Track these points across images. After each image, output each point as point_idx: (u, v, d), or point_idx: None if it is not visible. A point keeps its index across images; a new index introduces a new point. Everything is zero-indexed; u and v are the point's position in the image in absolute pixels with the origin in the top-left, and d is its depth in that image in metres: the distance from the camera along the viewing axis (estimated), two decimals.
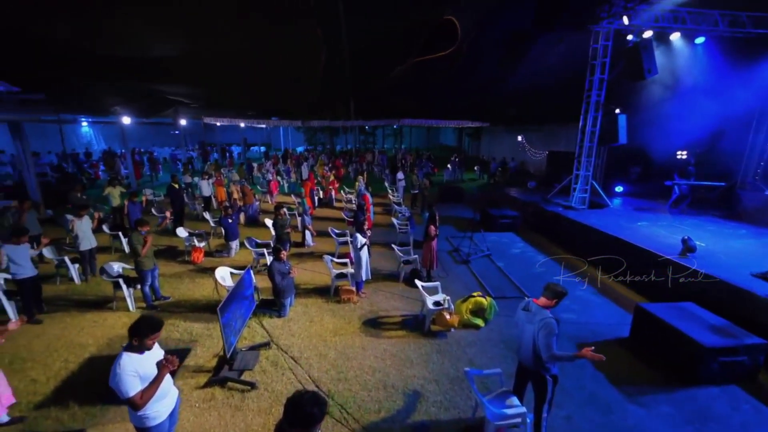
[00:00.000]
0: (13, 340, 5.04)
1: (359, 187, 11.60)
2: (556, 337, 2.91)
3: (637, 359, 4.71)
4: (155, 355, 2.74)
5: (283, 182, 17.49)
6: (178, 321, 5.51)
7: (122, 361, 2.52)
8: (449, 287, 6.48)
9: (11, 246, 5.35)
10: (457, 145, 36.12)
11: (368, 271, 6.18)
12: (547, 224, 10.19)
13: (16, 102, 9.90)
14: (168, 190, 10.29)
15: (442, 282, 6.31)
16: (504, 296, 6.26)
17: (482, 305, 5.27)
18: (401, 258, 7.00)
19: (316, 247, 8.99)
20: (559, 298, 3.06)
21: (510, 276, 7.16)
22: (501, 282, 6.97)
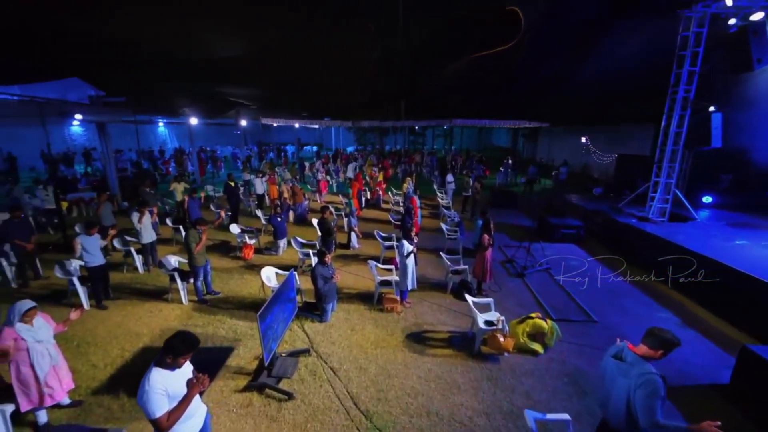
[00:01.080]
0: (82, 324, 5.46)
1: (407, 189, 11.28)
2: (662, 400, 2.26)
3: (741, 415, 3.83)
4: (185, 373, 2.62)
5: (332, 182, 17.74)
6: (225, 318, 5.62)
7: (151, 377, 2.41)
8: (502, 303, 5.91)
9: (85, 236, 5.81)
10: (510, 146, 34.30)
11: (414, 279, 5.83)
12: (618, 237, 9.04)
13: (101, 105, 11.00)
14: (225, 188, 10.81)
15: (495, 297, 5.76)
16: (567, 319, 5.54)
17: (542, 328, 4.67)
18: (450, 267, 6.55)
19: (362, 249, 8.82)
20: (667, 349, 2.40)
21: (573, 295, 6.37)
22: (563, 302, 6.22)
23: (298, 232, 9.99)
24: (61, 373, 3.54)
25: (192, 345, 2.53)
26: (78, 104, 10.29)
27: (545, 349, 4.71)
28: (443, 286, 6.60)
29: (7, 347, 3.18)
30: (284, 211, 9.31)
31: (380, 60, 7.90)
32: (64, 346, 4.86)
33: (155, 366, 2.49)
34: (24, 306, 3.30)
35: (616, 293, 6.64)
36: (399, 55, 8.42)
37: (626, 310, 6.02)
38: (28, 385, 3.35)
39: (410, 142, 35.26)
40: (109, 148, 12.45)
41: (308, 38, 7.45)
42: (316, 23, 6.74)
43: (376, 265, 6.25)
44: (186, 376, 2.58)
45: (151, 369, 2.47)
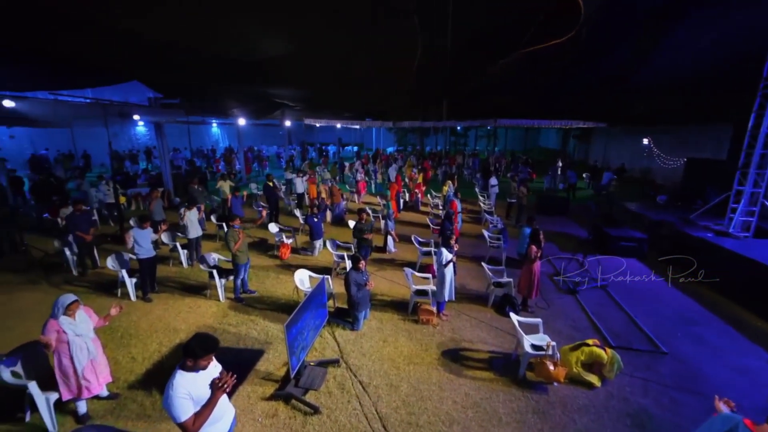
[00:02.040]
0: (128, 315, 5.70)
1: (448, 192, 10.80)
2: None
3: None
4: (210, 374, 2.51)
5: (371, 182, 17.65)
6: (258, 318, 5.60)
7: (175, 381, 2.33)
8: (551, 323, 5.32)
9: (138, 229, 6.09)
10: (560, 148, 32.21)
11: (452, 291, 5.43)
12: (689, 253, 7.93)
13: (159, 106, 11.72)
14: (264, 188, 11.04)
15: (543, 315, 5.20)
16: (629, 347, 4.85)
17: (599, 358, 4.08)
18: (491, 279, 6.05)
19: (398, 254, 8.53)
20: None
21: (636, 319, 5.60)
22: (624, 326, 5.48)
23: (335, 232, 9.94)
24: (98, 367, 3.62)
25: (209, 347, 2.43)
26: (137, 105, 11.03)
27: (603, 382, 4.11)
28: (484, 299, 6.12)
29: (49, 339, 3.28)
30: (321, 211, 9.28)
31: (423, 57, 7.55)
32: (109, 336, 5.10)
33: (179, 369, 2.41)
34: (67, 300, 3.40)
35: (688, 318, 5.75)
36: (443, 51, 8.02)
37: (702, 341, 5.17)
38: (68, 376, 3.45)
39: (451, 143, 34.41)
40: (164, 146, 13.27)
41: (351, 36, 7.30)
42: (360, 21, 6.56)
43: (412, 272, 5.92)
44: (211, 378, 2.46)
45: (176, 372, 2.39)
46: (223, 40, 7.52)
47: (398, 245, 8.80)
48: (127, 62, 8.92)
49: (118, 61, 8.72)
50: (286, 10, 6.29)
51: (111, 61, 8.60)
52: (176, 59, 8.84)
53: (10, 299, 6.22)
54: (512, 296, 5.80)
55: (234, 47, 8.03)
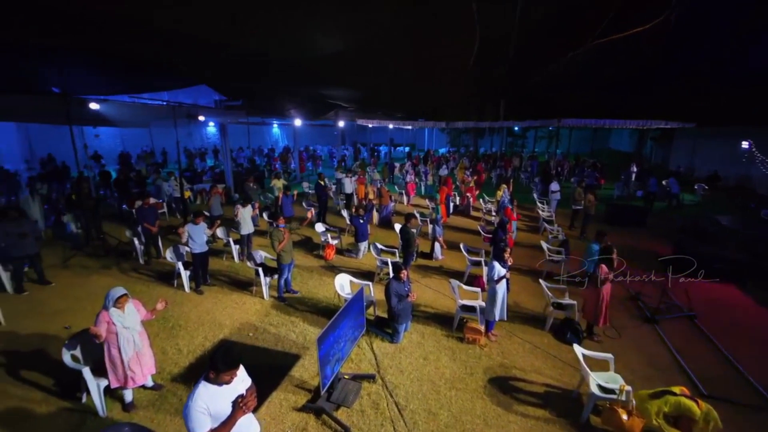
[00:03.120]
0: (180, 306, 5.98)
1: (502, 197, 10.05)
2: None
3: None
4: (236, 390, 2.36)
5: (420, 184, 17.25)
6: (298, 320, 5.53)
7: (196, 393, 2.22)
8: (623, 357, 4.54)
9: (192, 225, 6.38)
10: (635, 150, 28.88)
11: (504, 310, 4.87)
12: None
13: (224, 108, 12.47)
14: (315, 186, 11.19)
15: (613, 346, 4.45)
16: (728, 399, 3.93)
17: (690, 412, 3.30)
18: (551, 299, 5.37)
19: (445, 261, 8.06)
20: None
21: (738, 363, 4.57)
22: (720, 369, 4.50)
23: (382, 235, 9.74)
24: (143, 359, 3.73)
25: (231, 362, 2.29)
26: (202, 107, 11.82)
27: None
28: (540, 322, 5.45)
29: (98, 330, 3.42)
30: (367, 213, 9.11)
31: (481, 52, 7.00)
32: (161, 326, 5.36)
33: (203, 380, 2.30)
34: (117, 293, 3.54)
35: None
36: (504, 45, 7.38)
37: None
38: (115, 366, 3.60)
39: (508, 144, 32.63)
40: (226, 145, 14.13)
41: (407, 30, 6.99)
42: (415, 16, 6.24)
43: (458, 284, 5.46)
44: (235, 393, 2.32)
45: (199, 383, 2.28)
46: (282, 39, 7.65)
47: (446, 252, 8.32)
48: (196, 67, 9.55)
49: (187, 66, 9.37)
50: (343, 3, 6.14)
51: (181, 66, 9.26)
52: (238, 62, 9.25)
53: (87, 282, 6.89)
54: (575, 321, 5.07)
55: (292, 46, 8.13)
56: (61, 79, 7.37)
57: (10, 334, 5.15)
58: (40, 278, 6.74)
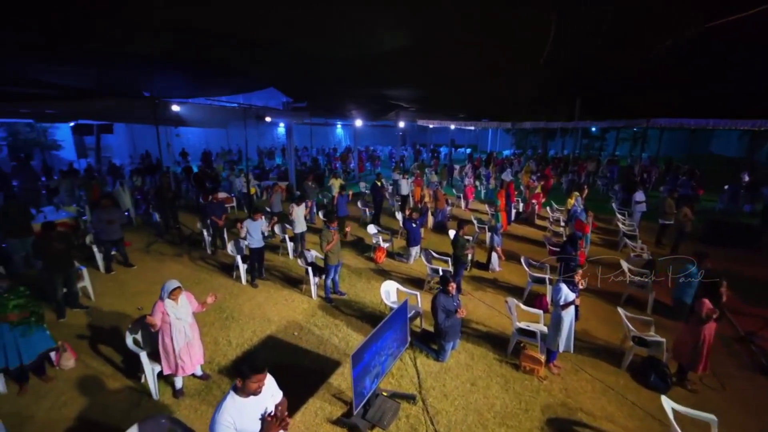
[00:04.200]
0: (236, 298, 6.26)
1: (573, 206, 8.97)
2: None
3: None
4: (263, 404, 2.25)
5: (480, 188, 16.37)
6: (342, 324, 5.43)
7: (223, 406, 2.14)
8: (728, 419, 3.60)
9: (250, 221, 6.66)
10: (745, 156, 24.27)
11: (571, 339, 4.21)
12: None
13: (290, 109, 13.07)
14: (372, 187, 11.14)
15: (715, 403, 3.57)
16: None
17: None
18: (630, 332, 4.53)
19: (502, 274, 7.39)
20: None
21: None
22: None
23: (435, 240, 9.34)
24: (192, 350, 3.88)
25: (254, 366, 2.18)
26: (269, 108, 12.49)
27: None
28: (616, 357, 4.63)
29: (153, 319, 3.62)
30: (421, 216, 8.77)
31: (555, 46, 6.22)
32: (217, 316, 5.62)
33: (231, 391, 2.22)
34: (171, 285, 3.71)
35: None
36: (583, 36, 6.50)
37: None
38: (168, 354, 3.78)
39: (583, 146, 29.70)
40: (291, 145, 14.82)
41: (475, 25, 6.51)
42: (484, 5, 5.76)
43: (516, 304, 4.87)
44: (264, 408, 2.21)
45: (227, 394, 2.22)
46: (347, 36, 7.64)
47: (504, 264, 7.65)
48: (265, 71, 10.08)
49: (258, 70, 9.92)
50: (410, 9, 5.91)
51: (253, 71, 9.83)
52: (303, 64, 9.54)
53: (161, 267, 7.60)
54: (663, 362, 4.20)
55: (357, 44, 8.08)
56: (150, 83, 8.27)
57: (96, 311, 5.81)
58: (125, 261, 7.59)
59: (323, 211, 10.78)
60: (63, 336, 4.99)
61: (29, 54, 6.23)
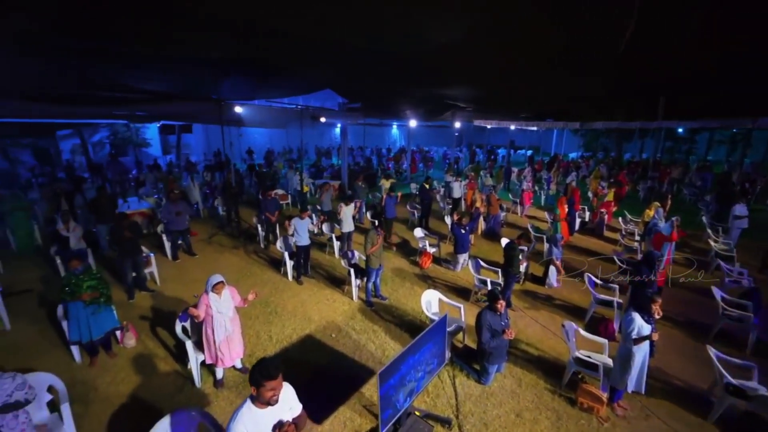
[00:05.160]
0: (281, 294, 6.42)
1: (653, 218, 7.80)
2: None
3: None
4: (282, 416, 2.15)
5: (540, 193, 15.17)
6: (380, 330, 5.26)
7: (238, 414, 2.10)
8: None
9: (298, 219, 6.80)
10: None
11: (642, 379, 3.55)
12: None
13: (343, 111, 13.27)
14: (420, 189, 10.86)
15: None
16: None
17: None
18: (724, 378, 3.70)
19: (560, 291, 6.66)
20: None
21: None
22: None
23: (486, 248, 8.79)
24: (232, 344, 3.98)
25: (266, 371, 2.11)
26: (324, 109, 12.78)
27: None
28: (703, 405, 3.83)
29: (195, 311, 3.76)
30: (471, 222, 8.29)
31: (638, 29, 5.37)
32: (261, 310, 5.78)
33: (248, 399, 2.16)
34: (214, 280, 3.83)
35: None
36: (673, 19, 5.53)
37: None
38: (209, 345, 3.92)
39: (666, 149, 26.26)
40: (345, 145, 15.08)
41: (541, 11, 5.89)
42: None
43: (576, 329, 4.28)
44: (281, 419, 2.12)
45: (244, 402, 2.16)
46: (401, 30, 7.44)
47: (563, 280, 6.89)
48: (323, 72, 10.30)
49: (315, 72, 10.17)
50: None
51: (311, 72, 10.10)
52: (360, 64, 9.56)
53: (219, 258, 8.11)
54: None
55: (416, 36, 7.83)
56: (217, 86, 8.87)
57: (159, 295, 6.34)
58: (189, 250, 8.23)
59: (371, 212, 10.76)
60: (129, 316, 5.50)
61: (123, 62, 6.99)
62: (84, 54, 5.89)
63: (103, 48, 5.69)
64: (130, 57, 6.65)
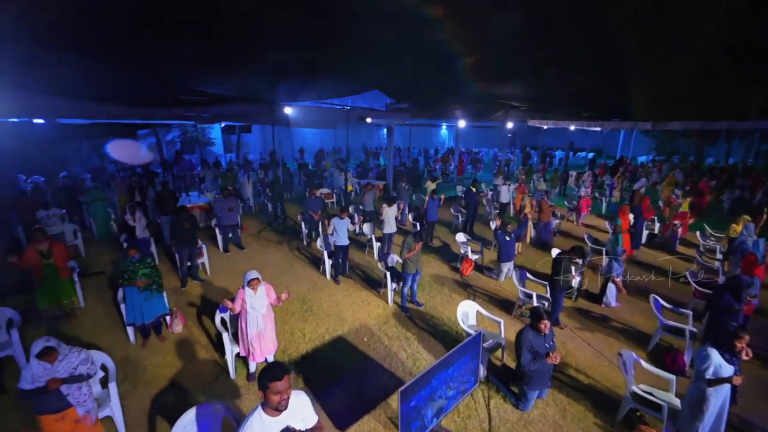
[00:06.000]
0: (319, 292, 6.49)
1: (741, 234, 6.66)
2: None
3: None
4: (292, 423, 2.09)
5: (601, 200, 13.82)
6: (413, 339, 5.07)
7: (248, 421, 2.05)
8: None
9: (337, 219, 6.83)
10: None
11: (720, 429, 2.97)
12: None
13: (390, 111, 13.22)
14: (465, 192, 10.43)
15: None
16: None
17: None
18: None
19: (620, 312, 5.93)
20: None
21: None
22: None
23: (535, 258, 8.17)
24: (263, 341, 4.05)
25: (271, 373, 2.05)
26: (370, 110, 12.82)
27: None
28: None
29: (230, 304, 3.89)
30: (517, 228, 7.76)
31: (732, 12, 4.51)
32: (298, 307, 5.88)
33: (259, 406, 2.11)
34: (250, 276, 3.92)
35: None
36: None
37: None
38: (243, 338, 4.03)
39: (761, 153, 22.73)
40: (391, 146, 15.02)
41: None
42: None
43: (636, 360, 3.73)
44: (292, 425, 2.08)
45: (255, 409, 2.10)
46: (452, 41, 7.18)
47: (624, 299, 6.15)
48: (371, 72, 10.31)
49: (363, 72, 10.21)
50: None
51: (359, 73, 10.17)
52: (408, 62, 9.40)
53: (265, 252, 8.45)
54: None
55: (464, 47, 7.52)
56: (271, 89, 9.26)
57: (208, 285, 6.74)
58: (238, 243, 8.69)
59: (413, 214, 10.56)
60: (180, 302, 5.90)
61: (192, 69, 7.56)
62: (161, 61, 6.43)
63: (176, 56, 6.16)
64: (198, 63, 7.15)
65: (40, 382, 2.60)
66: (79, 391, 2.81)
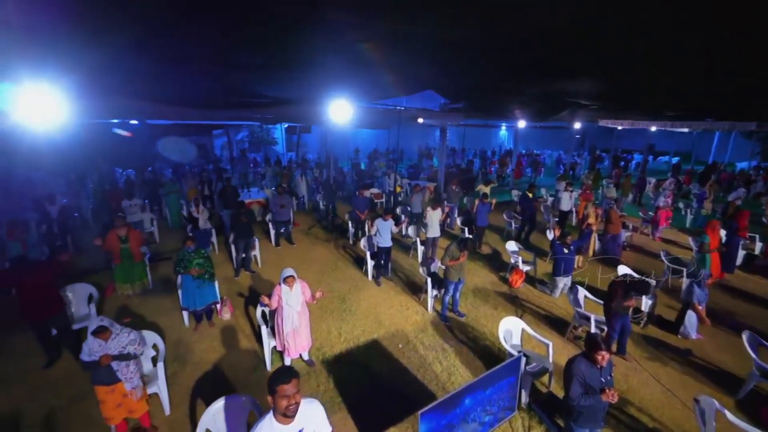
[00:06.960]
0: (359, 292, 6.47)
1: None
2: None
3: None
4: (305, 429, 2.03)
5: (686, 212, 12.02)
6: (450, 351, 4.81)
7: (258, 426, 2.03)
8: None
9: (380, 220, 6.78)
10: None
11: None
12: None
13: (444, 111, 12.86)
14: (521, 197, 9.75)
15: None
16: None
17: None
18: None
19: (702, 345, 5.03)
20: None
21: None
22: None
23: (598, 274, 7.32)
24: (297, 338, 4.11)
25: (278, 376, 2.00)
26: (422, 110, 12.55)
27: None
28: None
29: (266, 299, 3.99)
30: (578, 240, 7.01)
31: None
32: (337, 305, 5.92)
33: (270, 412, 2.08)
34: (286, 273, 4.00)
35: None
36: None
37: None
38: (279, 333, 4.14)
39: None
40: (444, 146, 14.64)
41: None
42: None
43: (719, 409, 3.09)
44: None
45: (265, 416, 2.08)
46: None
47: (707, 331, 5.21)
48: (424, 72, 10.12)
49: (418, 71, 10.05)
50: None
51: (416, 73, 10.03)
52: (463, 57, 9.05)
53: (312, 249, 8.71)
54: None
55: None
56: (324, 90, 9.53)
57: (258, 277, 7.10)
58: (289, 238, 9.07)
59: (462, 218, 10.13)
60: (231, 291, 6.28)
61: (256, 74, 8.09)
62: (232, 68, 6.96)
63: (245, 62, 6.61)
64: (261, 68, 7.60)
65: (95, 356, 2.89)
66: (127, 368, 3.07)
